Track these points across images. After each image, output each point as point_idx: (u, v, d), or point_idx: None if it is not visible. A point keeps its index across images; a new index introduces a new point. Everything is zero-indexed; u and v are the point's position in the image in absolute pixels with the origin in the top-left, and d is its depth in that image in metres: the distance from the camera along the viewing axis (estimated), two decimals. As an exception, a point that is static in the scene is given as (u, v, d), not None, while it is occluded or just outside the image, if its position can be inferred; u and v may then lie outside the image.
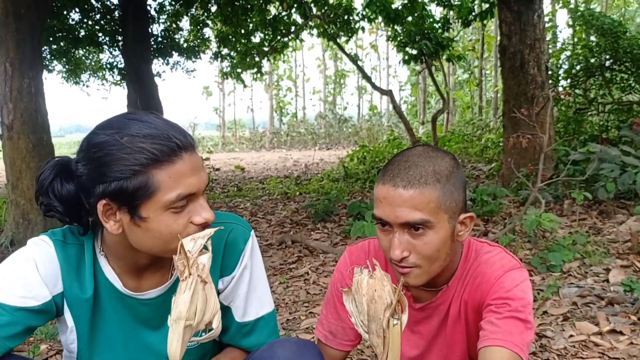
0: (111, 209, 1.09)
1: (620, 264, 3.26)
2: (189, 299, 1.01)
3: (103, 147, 1.06)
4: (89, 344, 1.26)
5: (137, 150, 1.05)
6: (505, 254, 1.28)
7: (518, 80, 5.89)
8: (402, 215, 1.14)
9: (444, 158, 1.19)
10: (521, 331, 1.15)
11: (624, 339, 2.29)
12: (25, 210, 4.84)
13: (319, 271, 3.77)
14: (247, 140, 25.97)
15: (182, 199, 1.08)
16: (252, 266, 1.32)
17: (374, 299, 1.02)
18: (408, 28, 8.88)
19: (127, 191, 1.05)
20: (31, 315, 1.14)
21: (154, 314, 1.26)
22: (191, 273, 1.03)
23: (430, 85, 21.70)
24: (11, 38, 4.67)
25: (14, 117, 4.72)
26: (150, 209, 1.07)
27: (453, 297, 1.30)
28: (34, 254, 1.18)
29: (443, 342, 1.34)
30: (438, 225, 1.15)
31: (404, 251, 1.16)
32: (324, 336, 1.42)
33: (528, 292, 1.21)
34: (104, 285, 1.23)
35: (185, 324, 1.02)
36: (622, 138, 5.86)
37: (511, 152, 5.57)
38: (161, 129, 1.08)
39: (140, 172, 1.05)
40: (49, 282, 1.17)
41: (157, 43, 10.15)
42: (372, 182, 7.96)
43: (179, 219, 1.10)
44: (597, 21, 7.27)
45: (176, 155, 1.07)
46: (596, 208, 4.75)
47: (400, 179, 1.15)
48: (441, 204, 1.14)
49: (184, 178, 1.08)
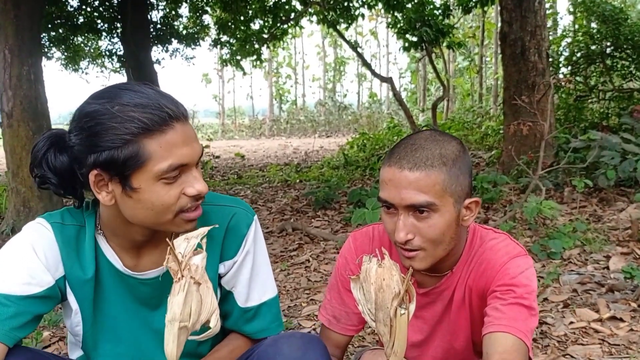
0: (103, 179, 1.08)
1: (620, 251, 3.28)
2: (182, 301, 1.01)
3: (94, 116, 1.06)
4: (93, 325, 1.26)
5: (127, 119, 1.04)
6: (511, 241, 1.29)
7: (519, 67, 5.87)
8: (407, 197, 1.14)
9: (450, 142, 1.19)
10: (525, 317, 1.16)
11: (624, 326, 2.31)
12: (26, 198, 4.85)
13: (320, 258, 3.79)
14: (246, 127, 25.91)
15: (173, 169, 1.07)
16: (255, 251, 1.31)
17: (382, 287, 1.02)
18: (408, 15, 8.83)
19: (118, 161, 1.04)
20: (37, 302, 1.14)
21: (154, 293, 1.25)
22: (184, 275, 1.02)
23: (430, 73, 21.62)
24: (10, 25, 4.64)
25: (14, 105, 4.71)
26: (141, 179, 1.07)
27: (457, 282, 1.30)
28: (32, 239, 1.18)
29: (447, 328, 1.34)
30: (443, 209, 1.15)
31: (408, 234, 1.16)
32: (328, 320, 1.43)
33: (533, 280, 1.22)
34: (104, 265, 1.23)
35: (180, 325, 1.02)
36: (622, 125, 5.85)
37: (511, 140, 5.57)
38: (152, 99, 1.07)
39: (131, 142, 1.04)
40: (50, 267, 1.17)
41: (156, 30, 10.09)
42: (372, 170, 7.97)
43: (170, 189, 1.09)
44: (598, 8, 7.23)
45: (167, 125, 1.06)
46: (596, 195, 4.75)
47: (406, 161, 1.15)
48: (447, 187, 1.14)
49: (175, 148, 1.07)
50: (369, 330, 2.49)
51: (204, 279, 1.05)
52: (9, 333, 1.09)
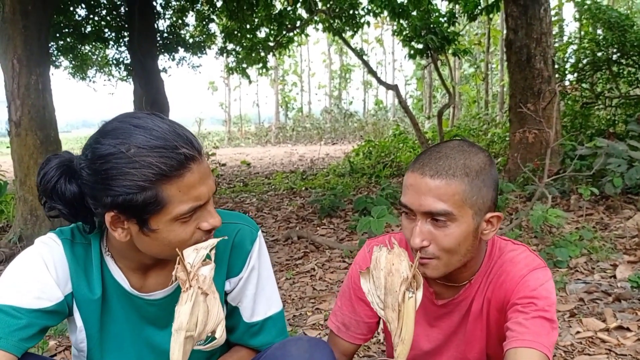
0: (119, 219, 1.09)
1: (627, 260, 3.26)
2: (189, 311, 1.02)
3: (109, 159, 1.04)
4: (99, 343, 1.27)
5: (145, 165, 1.03)
6: (530, 253, 1.28)
7: (524, 74, 5.87)
8: (425, 204, 1.14)
9: (477, 154, 1.18)
10: (548, 332, 1.15)
11: (631, 336, 2.29)
12: (33, 206, 4.86)
13: (325, 267, 3.78)
14: (252, 135, 25.99)
15: (192, 211, 1.09)
16: (260, 267, 1.32)
17: (391, 272, 1.04)
18: (413, 22, 8.84)
19: (136, 205, 1.04)
20: (46, 316, 1.15)
21: (161, 313, 1.26)
22: (192, 285, 1.03)
23: (436, 80, 21.62)
24: (19, 35, 4.68)
25: (22, 114, 4.74)
26: (160, 221, 1.07)
27: (476, 294, 1.30)
28: (44, 254, 1.18)
29: (462, 338, 1.34)
30: (461, 219, 1.14)
31: (424, 240, 1.15)
32: (337, 327, 1.43)
33: (552, 292, 1.21)
34: (112, 284, 1.24)
35: (186, 334, 1.02)
36: (629, 132, 5.83)
37: (517, 147, 5.56)
38: (168, 140, 1.05)
39: (149, 188, 1.04)
40: (60, 283, 1.18)
41: (163, 39, 10.16)
42: (377, 177, 7.97)
43: (187, 227, 1.10)
44: (604, 14, 7.22)
45: (185, 168, 1.05)
46: (603, 203, 4.73)
47: (429, 168, 1.15)
48: (467, 198, 1.14)
49: (193, 190, 1.07)
50: (374, 340, 2.48)
51: (212, 289, 1.06)
52: (17, 344, 1.10)
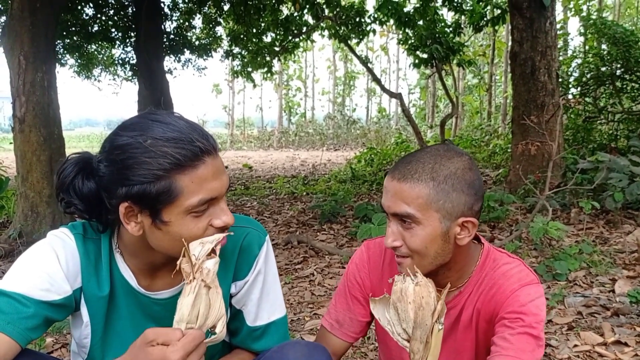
0: (133, 211, 1.10)
1: (626, 275, 3.25)
2: (191, 303, 1.03)
3: (126, 149, 1.06)
4: (102, 339, 1.27)
5: (160, 154, 1.05)
6: (524, 268, 1.28)
7: (528, 87, 5.88)
8: (391, 205, 1.18)
9: (452, 159, 1.19)
10: (533, 349, 1.16)
11: (629, 351, 2.29)
12: (34, 203, 4.87)
13: (325, 272, 3.78)
14: (255, 139, 26.01)
15: (204, 204, 1.09)
16: (266, 271, 1.33)
17: (421, 306, 1.04)
18: (419, 31, 8.88)
19: (150, 195, 1.06)
20: (52, 309, 1.15)
21: (166, 313, 1.26)
22: (195, 277, 1.04)
23: (439, 89, 21.67)
24: (26, 32, 4.70)
25: (26, 110, 4.75)
26: (172, 213, 1.08)
27: (466, 303, 1.30)
28: (57, 247, 1.19)
29: (451, 347, 1.34)
30: (425, 222, 1.16)
31: (395, 240, 1.20)
32: (330, 324, 1.44)
33: (542, 309, 1.21)
34: (120, 282, 1.25)
35: (187, 326, 1.03)
36: (631, 148, 5.83)
37: (519, 159, 5.57)
38: (184, 132, 1.08)
39: (163, 177, 1.05)
40: (70, 277, 1.18)
41: (169, 40, 10.21)
42: (379, 184, 7.97)
43: (199, 222, 1.11)
44: (609, 30, 7.24)
45: (199, 160, 1.07)
46: (603, 217, 4.73)
47: (398, 171, 1.19)
48: (432, 202, 1.15)
49: (206, 183, 1.08)
50: (371, 346, 2.48)
51: (215, 283, 1.07)
52: (23, 333, 1.09)
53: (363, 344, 2.52)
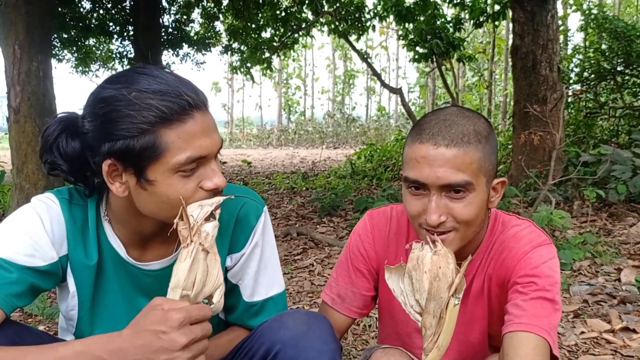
0: (117, 169, 1.03)
1: (632, 264, 3.20)
2: (188, 268, 0.96)
3: (110, 102, 1.00)
4: (90, 311, 1.20)
5: (145, 107, 0.98)
6: (535, 229, 1.21)
7: (530, 80, 5.83)
8: (444, 176, 1.06)
9: (480, 119, 1.13)
10: (548, 313, 1.09)
11: (637, 337, 2.24)
12: (30, 194, 4.81)
13: (324, 263, 3.72)
14: (254, 137, 25.97)
15: (191, 162, 1.02)
16: (264, 243, 1.26)
17: (437, 276, 0.97)
18: (419, 26, 8.82)
19: (133, 151, 0.99)
20: (37, 276, 1.08)
21: (157, 285, 1.19)
22: (193, 240, 0.97)
23: (439, 87, 21.63)
24: (21, 21, 4.64)
25: (21, 100, 4.69)
26: (157, 171, 1.01)
27: (477, 271, 1.24)
28: (41, 211, 1.12)
29: (462, 319, 1.25)
30: (478, 188, 1.09)
31: (441, 215, 1.08)
32: (331, 299, 1.36)
33: (556, 270, 1.15)
34: (108, 252, 1.18)
35: (182, 293, 0.97)
36: (632, 142, 5.78)
37: (522, 150, 5.51)
38: (172, 85, 1.01)
39: (148, 131, 0.98)
40: (55, 243, 1.12)
41: (167, 34, 10.13)
42: (379, 180, 7.92)
43: (187, 182, 1.03)
44: (610, 24, 7.19)
45: (187, 114, 1.00)
46: (606, 210, 4.68)
47: (441, 137, 1.07)
48: (482, 165, 1.08)
49: (194, 139, 1.01)
50: (372, 333, 2.42)
51: (214, 249, 1.00)
52: (7, 299, 1.03)
53: (364, 331, 2.46)
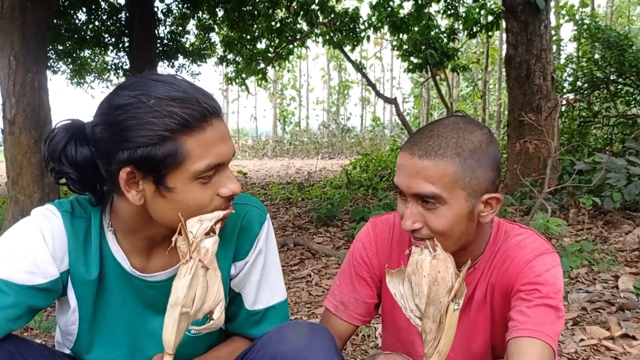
0: (134, 177, 1.01)
1: (629, 272, 3.20)
2: (187, 285, 0.95)
3: (127, 109, 0.98)
4: (91, 326, 1.18)
5: (166, 114, 0.97)
6: (537, 237, 1.22)
7: (523, 90, 5.87)
8: (413, 185, 1.09)
9: (473, 131, 1.11)
10: (552, 320, 1.09)
11: (637, 344, 2.23)
12: (25, 207, 4.78)
13: (322, 273, 3.71)
14: (249, 148, 25.94)
15: (211, 169, 1.02)
16: (267, 251, 1.25)
17: (436, 280, 0.97)
18: (414, 37, 8.87)
19: (155, 159, 0.98)
20: (37, 294, 1.06)
21: (161, 297, 1.16)
22: (192, 257, 0.96)
23: (434, 97, 21.70)
24: (16, 32, 4.64)
25: (17, 112, 4.67)
26: (177, 178, 1.00)
27: (479, 280, 1.23)
28: (42, 225, 1.09)
29: (465, 328, 1.26)
30: (452, 202, 1.08)
31: (415, 223, 1.11)
32: (334, 306, 1.35)
33: (559, 278, 1.15)
34: (111, 264, 1.15)
35: (182, 310, 0.96)
36: (626, 151, 5.82)
37: (517, 159, 5.53)
38: (189, 93, 1.01)
39: (169, 138, 0.97)
40: (56, 258, 1.09)
41: (162, 45, 10.14)
42: (375, 190, 7.91)
43: (206, 190, 1.03)
44: (602, 34, 7.26)
45: (206, 122, 1.01)
46: (602, 218, 4.69)
47: (418, 147, 1.09)
48: (458, 179, 1.07)
49: (213, 146, 1.01)
50: (372, 344, 2.41)
51: (213, 265, 0.99)
52: (2, 324, 1.00)
53: (363, 341, 2.45)
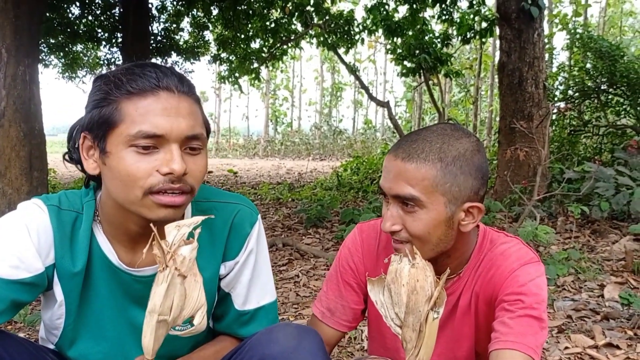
0: (89, 144, 1.08)
1: (615, 281, 3.23)
2: (163, 293, 0.94)
3: (95, 81, 1.09)
4: (76, 320, 1.17)
5: (114, 81, 1.04)
6: (523, 246, 1.22)
7: (515, 97, 5.90)
8: (393, 186, 1.11)
9: (460, 139, 1.12)
10: (535, 332, 1.09)
11: (621, 354, 2.25)
12: (12, 200, 4.74)
13: (310, 274, 3.71)
14: (240, 147, 25.88)
15: (144, 137, 1.01)
16: (258, 252, 1.25)
17: (415, 289, 0.96)
18: (408, 41, 8.90)
19: (96, 119, 1.04)
20: (21, 289, 1.05)
21: (147, 292, 1.14)
22: (168, 265, 0.94)
23: (426, 102, 21.78)
24: (9, 24, 4.60)
25: (7, 104, 4.64)
26: (113, 142, 1.03)
27: (464, 287, 1.24)
28: (27, 219, 1.09)
29: (450, 335, 1.27)
30: (430, 206, 1.09)
31: (394, 224, 1.13)
32: (321, 313, 1.35)
33: (543, 288, 1.15)
34: (98, 256, 1.15)
35: (159, 318, 0.95)
36: (615, 161, 5.86)
37: (507, 166, 5.56)
38: (147, 67, 1.06)
39: (111, 102, 1.03)
40: (42, 252, 1.09)
41: (156, 42, 10.10)
42: (365, 192, 7.92)
43: (140, 161, 1.01)
44: (595, 44, 7.32)
45: (150, 91, 1.03)
46: (589, 227, 4.73)
47: (402, 150, 1.11)
48: (438, 184, 1.08)
49: (151, 115, 1.01)
50: (357, 346, 2.41)
51: (192, 271, 0.97)
52: None
53: (349, 343, 2.45)
